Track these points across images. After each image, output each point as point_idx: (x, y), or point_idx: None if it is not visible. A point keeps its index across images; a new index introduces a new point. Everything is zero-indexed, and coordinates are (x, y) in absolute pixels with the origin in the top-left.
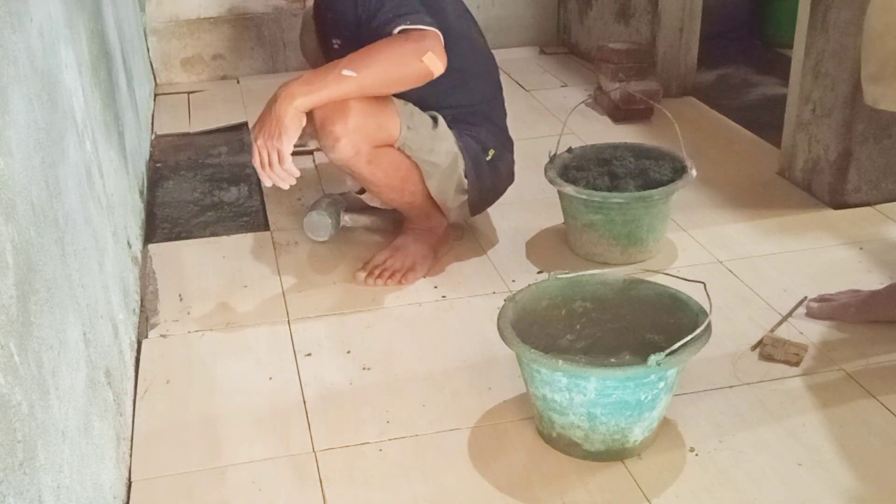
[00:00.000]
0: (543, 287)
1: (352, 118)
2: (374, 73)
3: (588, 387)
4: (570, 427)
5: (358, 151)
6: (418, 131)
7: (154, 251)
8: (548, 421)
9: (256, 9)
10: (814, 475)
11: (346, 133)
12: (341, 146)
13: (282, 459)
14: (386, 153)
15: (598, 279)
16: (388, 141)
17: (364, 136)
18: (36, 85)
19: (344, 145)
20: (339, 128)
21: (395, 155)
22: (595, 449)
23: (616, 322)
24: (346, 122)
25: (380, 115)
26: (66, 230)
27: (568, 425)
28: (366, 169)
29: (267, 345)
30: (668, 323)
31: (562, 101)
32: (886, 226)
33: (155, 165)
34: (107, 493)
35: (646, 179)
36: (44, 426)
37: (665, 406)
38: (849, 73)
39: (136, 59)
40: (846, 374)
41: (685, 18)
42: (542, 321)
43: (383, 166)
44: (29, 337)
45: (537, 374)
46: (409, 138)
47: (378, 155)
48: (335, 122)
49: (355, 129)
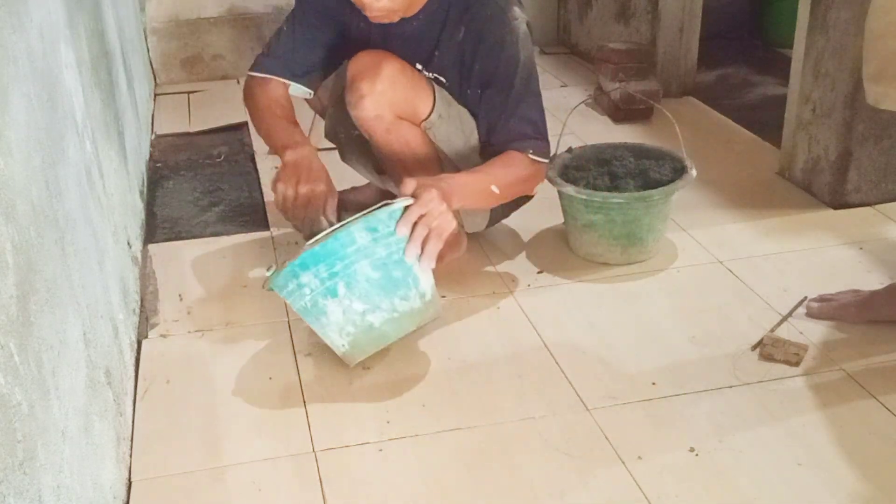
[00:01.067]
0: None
1: (380, 81)
2: (506, 196)
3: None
4: None
5: (379, 115)
6: (450, 124)
7: (154, 251)
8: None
9: (256, 9)
10: (814, 475)
11: (371, 93)
12: (364, 104)
13: (282, 459)
14: (409, 129)
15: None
16: (414, 117)
17: (388, 103)
18: (36, 85)
19: (367, 104)
20: (367, 86)
21: (418, 134)
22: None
23: None
24: (375, 83)
25: (411, 90)
26: (66, 230)
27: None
28: (383, 137)
29: (267, 345)
30: None
31: (562, 101)
32: (886, 226)
33: (155, 165)
34: (107, 493)
35: (646, 179)
36: (44, 426)
37: None
38: (849, 73)
39: (136, 59)
40: (846, 374)
41: (685, 18)
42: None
43: (401, 140)
44: (29, 337)
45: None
46: (436, 125)
47: (399, 126)
48: (364, 80)
49: (381, 93)
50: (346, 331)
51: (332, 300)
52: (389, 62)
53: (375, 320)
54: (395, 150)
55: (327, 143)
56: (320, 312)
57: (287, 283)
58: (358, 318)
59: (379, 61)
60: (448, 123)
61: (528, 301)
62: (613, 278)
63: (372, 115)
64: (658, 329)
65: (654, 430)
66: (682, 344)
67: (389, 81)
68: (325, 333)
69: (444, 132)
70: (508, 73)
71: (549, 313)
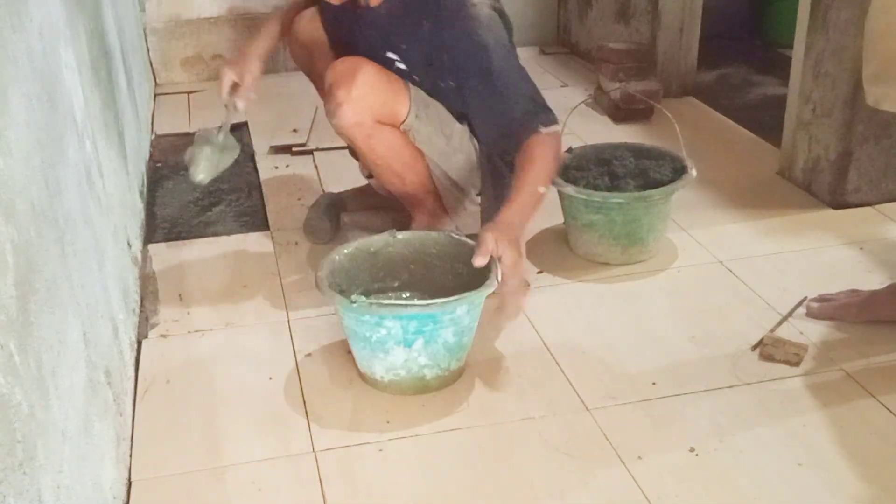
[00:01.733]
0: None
1: (357, 87)
2: (550, 182)
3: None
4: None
5: (359, 122)
6: (429, 124)
7: (154, 251)
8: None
9: (256, 9)
10: (814, 475)
11: (349, 100)
12: (343, 112)
13: (282, 459)
14: (390, 133)
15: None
16: (394, 120)
17: (367, 107)
18: (36, 85)
19: (345, 112)
20: (343, 93)
21: (399, 137)
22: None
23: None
24: (351, 89)
25: (388, 93)
26: (66, 230)
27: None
28: (365, 143)
29: (267, 345)
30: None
31: (562, 101)
32: (886, 226)
33: (155, 165)
34: (107, 493)
35: (646, 179)
36: (44, 426)
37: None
38: (849, 73)
39: (136, 59)
40: (846, 374)
41: (685, 18)
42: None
43: (385, 145)
44: (29, 337)
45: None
46: (415, 126)
47: (380, 132)
48: (340, 87)
49: (359, 98)
50: (397, 372)
51: (402, 348)
52: (364, 67)
53: (429, 374)
54: (379, 155)
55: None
56: (382, 351)
57: (364, 314)
58: (415, 367)
59: (354, 68)
60: (426, 123)
61: (529, 301)
62: (613, 278)
63: (351, 123)
64: (658, 329)
65: (654, 430)
66: (682, 344)
67: (367, 87)
68: (369, 363)
69: (424, 133)
70: (482, 60)
71: (549, 313)
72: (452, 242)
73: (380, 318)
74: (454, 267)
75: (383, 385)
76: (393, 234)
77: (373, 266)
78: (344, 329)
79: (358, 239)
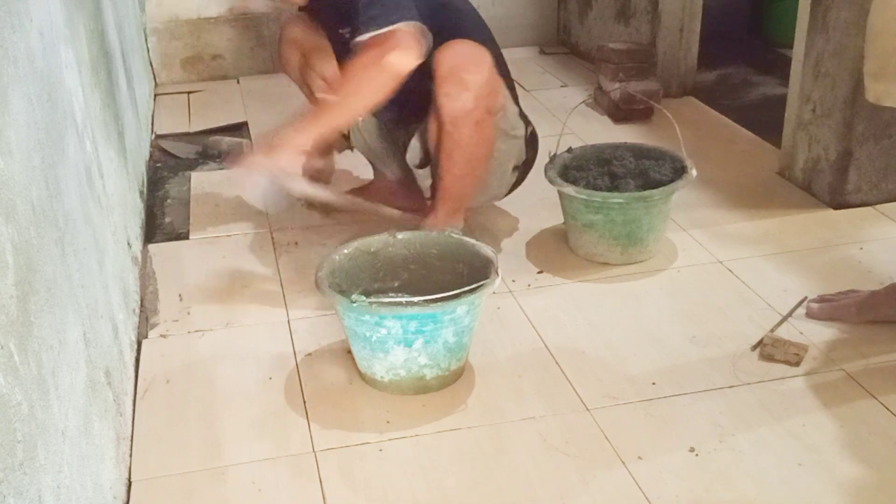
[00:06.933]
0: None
1: (484, 71)
2: (356, 99)
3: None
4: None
5: (476, 107)
6: (510, 106)
7: (154, 251)
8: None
9: (256, 9)
10: (814, 475)
11: (476, 85)
12: (466, 98)
13: (282, 459)
14: (490, 127)
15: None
16: (496, 107)
17: (486, 94)
18: (36, 85)
19: (468, 98)
20: (473, 78)
21: (494, 132)
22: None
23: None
24: (481, 73)
25: (495, 79)
26: (66, 230)
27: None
28: (466, 131)
29: (267, 345)
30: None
31: (562, 101)
32: (886, 226)
33: (155, 165)
34: (107, 493)
35: (646, 179)
36: (44, 426)
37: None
38: (849, 73)
39: (136, 59)
40: (846, 374)
41: (685, 18)
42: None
43: (484, 135)
44: (29, 337)
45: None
46: (507, 108)
47: (486, 122)
48: (469, 71)
49: (485, 84)
50: (397, 372)
51: (402, 348)
52: (486, 55)
53: (429, 374)
54: (471, 146)
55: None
56: (383, 350)
57: (365, 314)
58: (416, 367)
59: (479, 53)
60: (509, 104)
61: (528, 301)
62: (613, 278)
63: (470, 107)
64: (658, 329)
65: (654, 430)
66: (682, 344)
67: (490, 70)
68: (369, 363)
69: (509, 115)
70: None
71: (549, 313)
72: (453, 242)
73: (380, 318)
74: (454, 267)
75: (383, 385)
76: (393, 234)
77: (373, 266)
78: (344, 329)
79: (358, 239)
